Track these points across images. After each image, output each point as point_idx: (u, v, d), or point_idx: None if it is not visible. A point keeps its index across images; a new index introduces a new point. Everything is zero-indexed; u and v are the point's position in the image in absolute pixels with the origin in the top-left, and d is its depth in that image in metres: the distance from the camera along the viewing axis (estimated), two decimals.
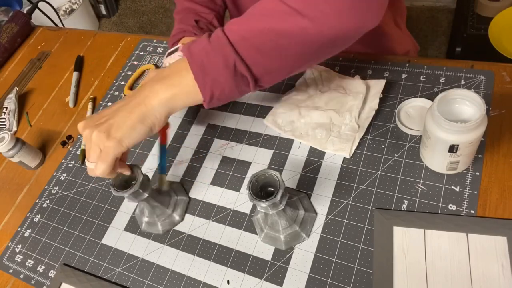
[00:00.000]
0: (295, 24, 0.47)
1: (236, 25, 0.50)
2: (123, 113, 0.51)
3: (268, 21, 0.48)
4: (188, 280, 0.58)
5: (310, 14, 0.46)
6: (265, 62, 0.50)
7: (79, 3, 2.24)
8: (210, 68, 0.50)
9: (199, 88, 0.50)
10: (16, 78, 0.99)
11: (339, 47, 0.52)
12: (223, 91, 0.51)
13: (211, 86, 0.50)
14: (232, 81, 0.50)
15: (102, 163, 0.50)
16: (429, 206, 0.55)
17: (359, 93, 0.65)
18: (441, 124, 0.49)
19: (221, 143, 0.70)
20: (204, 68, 0.50)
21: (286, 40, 0.48)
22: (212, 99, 0.51)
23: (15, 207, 0.76)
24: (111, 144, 0.49)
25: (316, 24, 0.46)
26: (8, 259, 0.69)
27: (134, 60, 0.90)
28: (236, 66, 0.49)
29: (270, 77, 0.52)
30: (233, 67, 0.49)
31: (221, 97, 0.52)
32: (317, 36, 0.48)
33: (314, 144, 0.64)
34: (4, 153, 0.75)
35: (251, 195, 0.49)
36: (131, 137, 0.50)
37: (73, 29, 1.08)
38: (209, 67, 0.50)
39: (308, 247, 0.56)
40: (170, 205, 0.63)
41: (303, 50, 0.49)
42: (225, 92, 0.51)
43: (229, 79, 0.50)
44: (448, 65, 0.66)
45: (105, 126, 0.50)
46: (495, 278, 0.48)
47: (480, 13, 1.43)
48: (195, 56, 0.50)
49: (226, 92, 0.51)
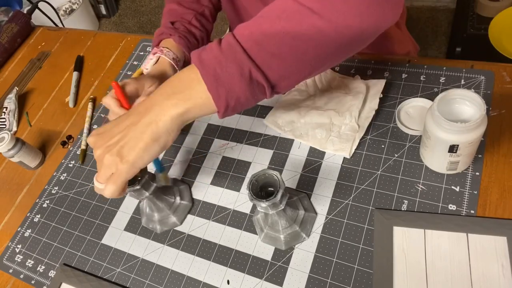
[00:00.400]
0: (312, 25, 0.45)
1: (248, 29, 0.47)
2: (135, 134, 0.49)
3: (283, 23, 0.46)
4: (188, 280, 0.58)
5: (327, 14, 0.44)
6: (281, 68, 0.47)
7: (79, 3, 2.24)
8: (224, 78, 0.47)
9: (213, 99, 0.48)
10: (16, 78, 0.99)
11: (357, 47, 0.50)
12: (239, 100, 0.48)
13: (226, 97, 0.47)
14: (247, 90, 0.47)
15: (112, 185, 0.49)
16: (429, 206, 0.55)
17: (359, 93, 0.65)
18: (441, 124, 0.49)
19: (221, 143, 0.70)
20: (218, 78, 0.47)
21: (303, 43, 0.46)
22: (227, 110, 0.49)
23: (15, 207, 0.76)
24: (124, 167, 0.48)
25: (334, 24, 0.45)
26: (8, 259, 0.69)
27: (134, 60, 0.90)
28: (251, 74, 0.46)
29: (287, 82, 0.49)
30: (248, 75, 0.46)
31: (236, 107, 0.49)
32: (335, 37, 0.46)
33: (314, 144, 0.64)
34: (4, 153, 0.75)
35: (251, 195, 0.49)
36: (144, 158, 0.49)
37: (73, 29, 1.08)
38: (223, 77, 0.47)
39: (308, 247, 0.56)
40: (172, 207, 0.63)
41: (321, 52, 0.47)
42: (240, 102, 0.48)
43: (244, 88, 0.47)
44: (448, 65, 0.66)
45: (117, 149, 0.49)
46: (495, 278, 0.48)
47: (480, 13, 1.43)
48: (207, 67, 0.47)
49: (241, 101, 0.48)
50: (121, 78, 0.88)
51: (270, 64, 0.47)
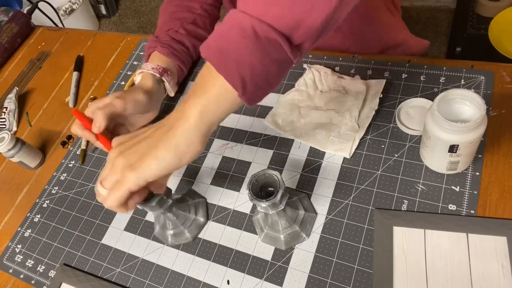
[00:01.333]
0: None
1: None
2: (152, 141, 0.44)
3: None
4: (188, 280, 0.58)
5: None
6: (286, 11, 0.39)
7: (79, 3, 2.24)
8: (229, 49, 0.40)
9: (226, 78, 0.41)
10: (16, 78, 0.99)
11: None
12: (254, 69, 0.41)
13: (237, 69, 0.40)
14: (258, 51, 0.40)
15: (114, 193, 0.44)
16: (429, 206, 0.55)
17: (359, 93, 0.65)
18: (441, 124, 0.49)
19: (221, 143, 0.70)
20: (223, 52, 0.41)
21: None
22: (245, 86, 0.41)
23: (15, 207, 0.76)
24: (130, 176, 0.43)
25: None
26: (8, 259, 0.69)
27: (134, 60, 0.90)
28: (255, 31, 0.39)
29: (304, 30, 0.40)
30: (252, 33, 0.39)
31: (256, 80, 0.41)
32: None
33: (314, 144, 0.64)
34: (4, 153, 0.75)
35: (251, 195, 0.49)
36: (153, 169, 0.43)
37: (73, 29, 1.08)
38: (227, 49, 0.40)
39: (308, 247, 0.56)
40: (191, 209, 0.62)
41: None
42: (257, 71, 0.41)
43: (254, 51, 0.40)
44: (448, 65, 0.66)
45: (130, 154, 0.44)
46: (495, 278, 0.48)
47: (480, 13, 1.43)
48: (211, 47, 0.42)
49: (258, 69, 0.41)
50: (121, 78, 0.88)
51: (273, 11, 0.39)
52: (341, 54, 0.74)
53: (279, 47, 0.40)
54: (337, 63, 0.73)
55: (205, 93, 0.42)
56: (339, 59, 0.73)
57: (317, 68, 0.72)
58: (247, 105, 0.44)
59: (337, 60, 0.73)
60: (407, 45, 0.85)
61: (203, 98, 0.42)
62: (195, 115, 0.43)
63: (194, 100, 0.43)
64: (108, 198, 0.45)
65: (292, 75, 0.74)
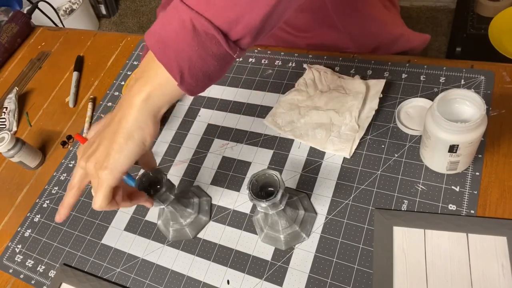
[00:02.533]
0: None
1: None
2: (109, 136, 0.45)
3: None
4: (188, 280, 0.58)
5: None
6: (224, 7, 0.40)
7: (79, 3, 2.24)
8: (167, 38, 0.41)
9: (166, 67, 0.42)
10: (16, 78, 0.99)
11: None
12: (192, 61, 0.41)
13: (176, 59, 0.41)
14: (196, 44, 0.40)
15: (97, 195, 0.46)
16: (429, 206, 0.55)
17: (359, 93, 0.65)
18: (441, 124, 0.49)
19: (221, 143, 0.70)
20: (163, 41, 0.42)
21: None
22: (183, 76, 0.42)
23: (15, 207, 0.76)
24: (103, 174, 0.45)
25: None
26: (8, 259, 0.69)
27: (134, 60, 0.90)
28: (194, 24, 0.40)
29: (242, 27, 0.41)
30: (191, 27, 0.40)
31: (194, 72, 0.42)
32: None
33: (314, 144, 0.64)
34: (4, 153, 0.75)
35: (251, 195, 0.49)
36: (121, 161, 0.45)
37: (73, 29, 1.08)
38: (167, 38, 0.41)
39: (308, 247, 0.56)
40: (194, 207, 0.62)
41: None
42: (195, 63, 0.42)
43: (192, 43, 0.40)
44: (448, 65, 0.66)
45: (95, 156, 0.46)
46: (495, 278, 0.48)
47: (480, 13, 1.43)
48: (152, 34, 0.43)
49: (196, 62, 0.42)
50: (121, 78, 0.88)
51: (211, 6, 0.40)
52: (341, 54, 0.74)
53: (217, 42, 0.41)
54: (337, 63, 0.73)
55: (148, 81, 0.44)
56: (339, 59, 0.73)
57: (317, 68, 0.72)
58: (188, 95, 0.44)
59: (337, 60, 0.73)
60: (405, 40, 0.84)
61: (148, 86, 0.44)
62: (140, 102, 0.44)
63: (139, 87, 0.44)
64: (94, 200, 0.47)
65: (292, 75, 0.74)
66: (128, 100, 0.45)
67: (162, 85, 0.43)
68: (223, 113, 0.74)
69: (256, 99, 0.73)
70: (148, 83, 0.44)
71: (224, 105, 0.75)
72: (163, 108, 0.45)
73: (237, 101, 0.74)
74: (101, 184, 0.45)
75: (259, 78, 0.76)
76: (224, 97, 0.76)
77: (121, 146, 0.44)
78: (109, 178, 0.45)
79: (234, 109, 0.74)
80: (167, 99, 0.45)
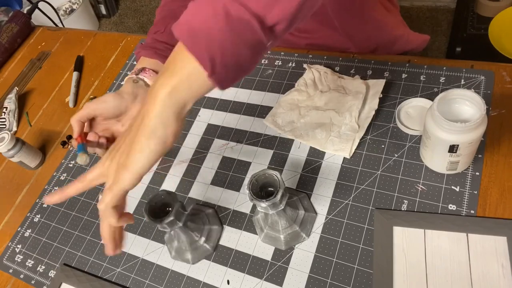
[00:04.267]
0: None
1: None
2: (132, 134, 0.43)
3: None
4: (188, 280, 0.58)
5: None
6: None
7: (79, 3, 2.24)
8: (198, 26, 0.39)
9: (196, 57, 0.39)
10: (16, 78, 0.99)
11: None
12: (224, 49, 0.39)
13: (207, 49, 0.39)
14: (229, 31, 0.38)
15: (107, 193, 0.43)
16: (429, 206, 0.55)
17: (359, 93, 0.65)
18: (441, 124, 0.49)
19: (221, 143, 0.70)
20: (193, 31, 0.39)
21: None
22: (215, 66, 0.39)
23: (15, 207, 0.76)
24: (120, 174, 0.43)
25: None
26: (8, 259, 0.69)
27: (134, 60, 0.90)
28: (227, 9, 0.38)
29: (278, 11, 0.39)
30: (223, 13, 0.38)
31: (226, 61, 0.39)
32: None
33: (314, 144, 0.64)
34: (4, 153, 0.75)
35: (251, 195, 0.49)
36: (141, 161, 0.42)
37: (73, 29, 1.08)
38: (197, 25, 0.39)
39: (308, 247, 0.56)
40: (203, 234, 0.60)
41: None
42: (227, 52, 0.39)
43: (224, 30, 0.38)
44: (448, 65, 0.66)
45: (118, 155, 0.44)
46: (495, 278, 0.48)
47: (480, 13, 1.43)
48: (181, 25, 0.40)
49: (229, 50, 0.39)
50: (121, 78, 0.88)
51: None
52: (341, 54, 0.74)
53: (251, 28, 0.38)
54: (337, 63, 0.73)
55: (174, 73, 0.41)
56: (339, 59, 0.73)
57: (317, 68, 0.72)
58: (218, 88, 0.42)
59: (337, 60, 0.73)
60: (405, 41, 0.84)
61: (174, 78, 0.41)
62: (165, 96, 0.41)
63: (163, 80, 0.41)
64: (103, 198, 0.44)
65: (292, 75, 0.74)
66: (152, 94, 0.42)
67: (190, 77, 0.40)
68: (223, 113, 0.74)
69: (256, 99, 0.73)
70: (174, 76, 0.41)
71: (224, 105, 0.75)
72: (188, 103, 0.42)
73: (237, 101, 0.74)
74: (116, 183, 0.43)
75: (259, 78, 0.76)
76: (224, 97, 0.76)
77: (143, 146, 0.42)
78: (126, 179, 0.43)
79: (234, 109, 0.74)
80: (194, 93, 0.42)
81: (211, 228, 0.61)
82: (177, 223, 0.53)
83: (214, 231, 0.61)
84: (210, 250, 0.59)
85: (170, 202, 0.53)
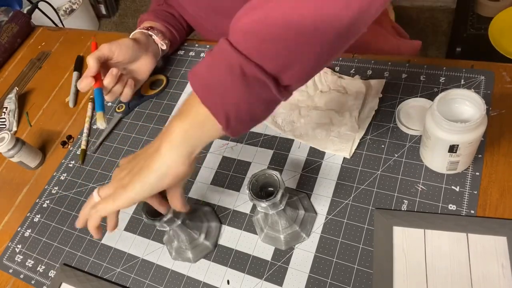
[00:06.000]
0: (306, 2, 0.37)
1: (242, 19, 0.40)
2: (142, 161, 0.46)
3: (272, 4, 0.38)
4: (188, 280, 0.58)
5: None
6: (277, 53, 0.38)
7: (79, 3, 2.24)
8: (215, 83, 0.40)
9: (211, 112, 0.41)
10: (16, 78, 0.99)
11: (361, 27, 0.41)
12: (239, 107, 0.40)
13: (222, 105, 0.40)
14: (244, 90, 0.39)
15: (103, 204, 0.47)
16: (429, 206, 0.55)
17: (359, 93, 0.65)
18: (441, 124, 0.49)
19: (221, 143, 0.70)
20: (209, 86, 0.41)
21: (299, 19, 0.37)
22: (229, 122, 0.41)
23: (15, 207, 0.76)
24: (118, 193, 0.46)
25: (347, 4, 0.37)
26: (8, 259, 0.69)
27: None
28: (243, 69, 0.39)
29: (292, 73, 0.40)
30: (240, 72, 0.39)
31: (240, 116, 0.41)
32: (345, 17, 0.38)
33: (314, 144, 0.64)
34: (4, 153, 0.75)
35: (251, 195, 0.49)
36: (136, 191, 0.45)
37: (73, 29, 1.09)
38: (213, 82, 0.40)
39: (308, 247, 0.56)
40: (202, 231, 0.60)
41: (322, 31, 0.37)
42: (242, 108, 0.40)
43: (240, 89, 0.39)
44: (448, 65, 0.66)
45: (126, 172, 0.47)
46: (495, 278, 0.48)
47: (480, 13, 1.43)
48: (196, 76, 0.42)
49: (243, 107, 0.40)
50: None
51: (263, 52, 0.39)
52: (341, 54, 0.74)
53: (266, 87, 0.40)
54: (337, 63, 0.73)
55: (189, 118, 0.43)
56: (339, 59, 0.73)
57: None
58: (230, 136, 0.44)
59: (337, 60, 0.73)
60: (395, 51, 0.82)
61: (187, 122, 0.43)
62: (178, 137, 0.43)
63: (178, 122, 0.44)
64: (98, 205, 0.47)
65: None
66: (167, 132, 0.44)
67: (203, 124, 0.42)
68: None
69: None
70: (188, 120, 0.43)
71: None
72: (198, 148, 0.44)
73: None
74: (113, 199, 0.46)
75: None
76: None
77: (144, 177, 0.44)
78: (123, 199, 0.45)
79: None
80: (206, 139, 0.44)
81: (209, 225, 0.61)
82: (176, 221, 0.54)
83: (213, 228, 0.61)
84: (211, 247, 0.59)
85: None
